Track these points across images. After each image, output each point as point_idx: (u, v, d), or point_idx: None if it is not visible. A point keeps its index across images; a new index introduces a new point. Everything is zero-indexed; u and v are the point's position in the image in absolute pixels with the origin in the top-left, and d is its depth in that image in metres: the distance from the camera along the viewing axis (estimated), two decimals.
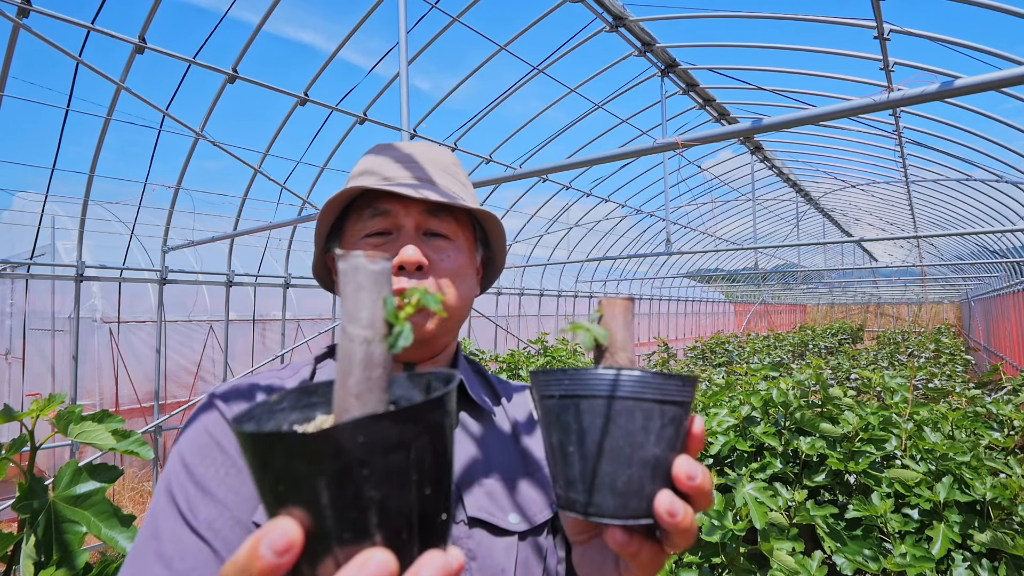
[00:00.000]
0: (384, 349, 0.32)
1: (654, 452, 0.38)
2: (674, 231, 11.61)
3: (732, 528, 1.76)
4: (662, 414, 0.38)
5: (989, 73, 2.12)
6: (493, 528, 0.67)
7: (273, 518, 0.30)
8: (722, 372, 5.75)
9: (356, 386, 0.32)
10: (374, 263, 0.33)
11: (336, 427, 0.29)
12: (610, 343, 0.43)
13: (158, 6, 3.48)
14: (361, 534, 0.29)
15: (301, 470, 0.29)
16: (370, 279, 0.32)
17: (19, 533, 1.09)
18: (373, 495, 0.30)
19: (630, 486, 0.38)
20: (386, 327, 0.33)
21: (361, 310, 0.32)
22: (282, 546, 0.29)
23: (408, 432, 0.30)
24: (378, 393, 0.32)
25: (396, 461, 0.30)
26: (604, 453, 0.38)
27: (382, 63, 4.61)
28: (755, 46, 4.70)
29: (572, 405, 0.39)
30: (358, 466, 0.29)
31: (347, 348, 0.32)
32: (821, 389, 2.44)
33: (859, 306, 33.14)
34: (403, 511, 0.30)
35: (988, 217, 9.38)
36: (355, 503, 0.29)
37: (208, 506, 0.60)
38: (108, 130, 4.34)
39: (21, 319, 6.67)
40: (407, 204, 0.71)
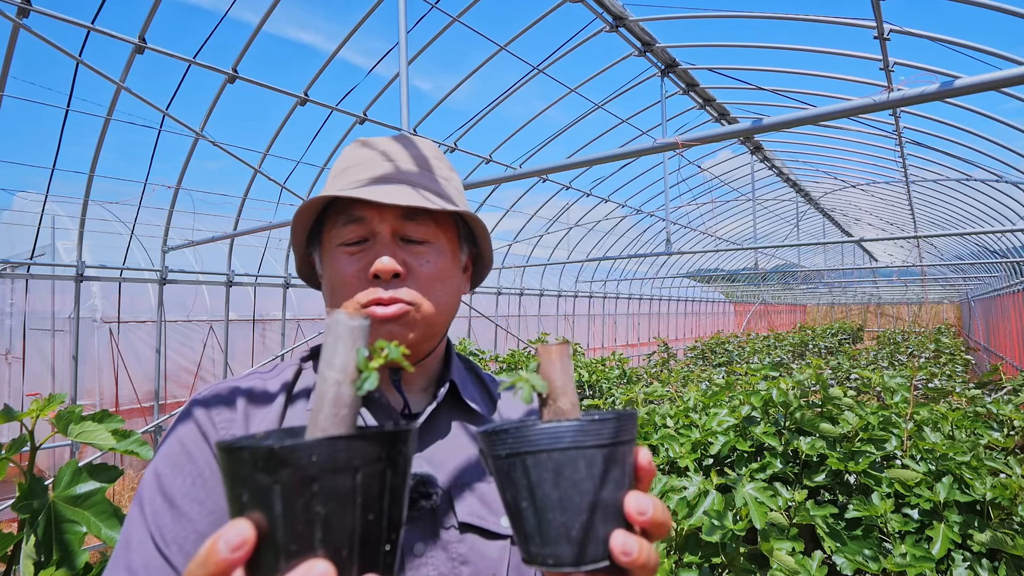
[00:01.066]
0: (352, 391, 0.37)
1: (603, 496, 0.39)
2: (674, 231, 11.61)
3: (732, 528, 1.76)
4: (605, 458, 0.39)
5: (989, 73, 2.12)
6: (485, 532, 0.67)
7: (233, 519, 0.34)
8: (722, 372, 5.75)
9: (324, 421, 0.36)
10: (352, 320, 0.37)
11: (296, 444, 0.33)
12: (550, 391, 0.43)
13: (158, 6, 3.48)
14: (306, 546, 0.33)
15: (261, 481, 0.33)
16: (347, 332, 0.37)
17: (19, 533, 1.09)
18: (319, 511, 0.33)
19: (585, 533, 0.39)
20: (356, 372, 0.37)
21: (336, 357, 0.37)
22: (236, 543, 0.32)
23: (357, 458, 0.34)
24: (343, 429, 0.36)
25: (343, 483, 0.34)
26: (555, 505, 0.39)
27: (382, 63, 4.61)
28: (755, 46, 4.70)
29: (519, 462, 0.40)
30: (309, 482, 0.33)
31: (321, 388, 0.37)
32: (821, 389, 2.44)
33: (859, 306, 33.14)
34: (345, 530, 0.34)
35: (988, 217, 9.38)
36: (304, 516, 0.33)
37: (173, 521, 0.60)
38: (108, 130, 4.34)
39: (21, 319, 6.67)
40: (381, 209, 0.69)
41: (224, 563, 0.32)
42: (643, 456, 0.43)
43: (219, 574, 0.32)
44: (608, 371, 5.79)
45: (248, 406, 0.68)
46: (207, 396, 0.68)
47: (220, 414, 0.66)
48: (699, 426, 2.46)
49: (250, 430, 0.67)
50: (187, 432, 0.65)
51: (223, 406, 0.67)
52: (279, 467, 0.33)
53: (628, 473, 0.41)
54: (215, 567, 0.32)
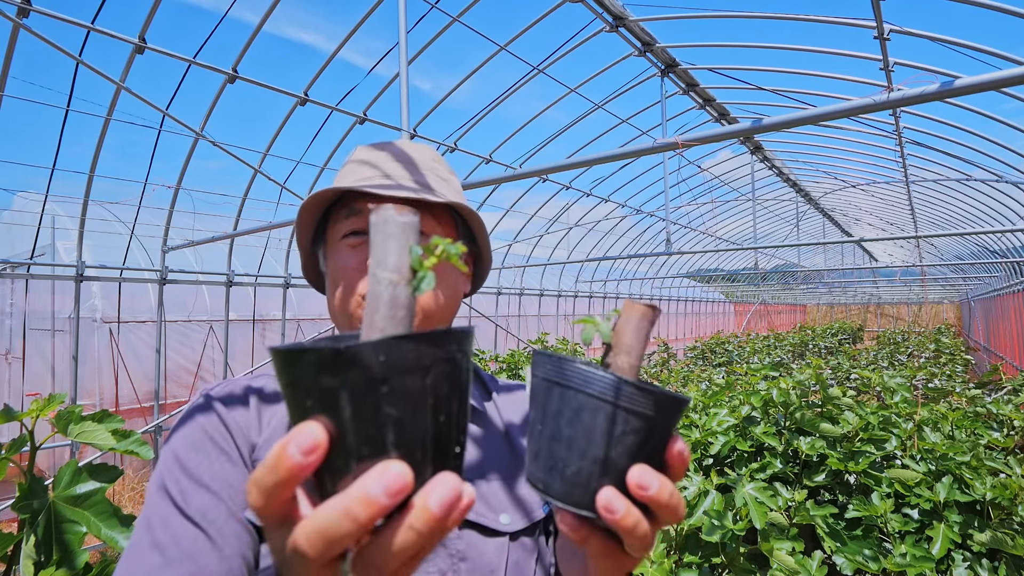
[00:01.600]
0: (408, 292, 0.35)
1: (609, 454, 0.39)
2: (674, 231, 11.61)
3: (732, 528, 1.76)
4: (625, 421, 0.39)
5: (989, 73, 2.12)
6: (483, 529, 0.67)
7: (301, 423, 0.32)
8: (722, 372, 5.75)
9: (381, 322, 0.34)
10: (402, 215, 0.35)
11: (361, 344, 0.31)
12: (614, 343, 0.43)
13: (158, 6, 3.48)
14: (379, 449, 0.32)
15: (327, 384, 0.32)
16: (398, 228, 0.35)
17: (19, 533, 1.09)
18: (391, 413, 0.32)
19: (578, 477, 0.40)
20: (411, 273, 0.35)
21: (389, 256, 0.35)
22: (308, 446, 0.30)
23: (426, 357, 0.33)
24: (402, 330, 0.34)
25: (414, 384, 0.32)
26: (561, 440, 0.40)
27: (382, 63, 4.61)
28: (755, 46, 4.70)
29: (549, 388, 0.42)
30: (379, 383, 0.31)
31: (375, 290, 0.35)
32: (821, 389, 2.44)
33: (859, 306, 33.14)
34: (419, 433, 0.33)
35: (988, 217, 9.37)
36: (374, 419, 0.32)
37: (201, 496, 0.61)
38: (108, 130, 4.34)
39: (21, 319, 6.67)
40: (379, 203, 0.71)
41: (296, 467, 0.30)
42: (677, 445, 0.41)
43: (290, 479, 0.31)
44: None
45: (260, 404, 0.70)
46: (223, 393, 0.70)
47: (236, 410, 0.68)
48: (699, 426, 2.46)
49: (262, 429, 0.68)
50: (207, 421, 0.66)
51: (238, 404, 0.69)
52: (347, 369, 0.31)
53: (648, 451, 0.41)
54: (287, 472, 0.30)
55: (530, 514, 0.71)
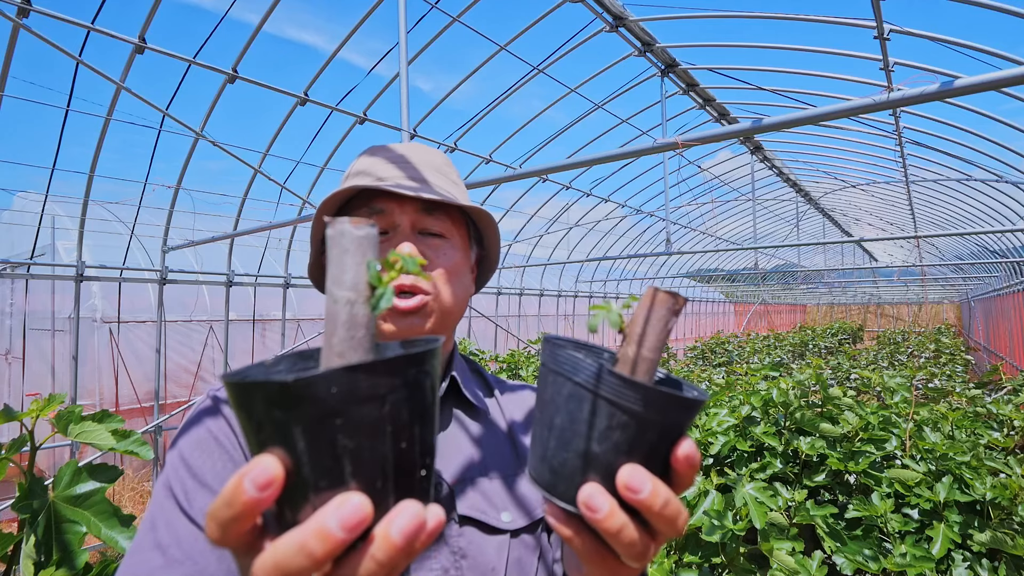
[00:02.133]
0: (367, 310, 0.33)
1: (594, 448, 0.37)
2: (674, 231, 11.61)
3: (732, 528, 1.76)
4: (610, 415, 0.37)
5: (989, 73, 2.12)
6: (484, 526, 0.67)
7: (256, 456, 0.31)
8: (722, 372, 5.75)
9: (339, 345, 0.33)
10: (358, 228, 0.33)
11: (311, 376, 0.30)
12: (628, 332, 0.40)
13: (158, 6, 3.48)
14: (336, 481, 0.31)
15: (280, 417, 0.30)
16: (354, 243, 0.33)
17: (19, 533, 1.09)
18: (347, 444, 0.31)
19: (563, 468, 0.38)
20: (369, 289, 0.33)
21: (345, 273, 0.33)
22: (263, 481, 0.30)
23: (381, 386, 0.31)
24: (361, 352, 0.33)
25: (369, 413, 0.31)
26: (553, 429, 0.39)
27: (382, 63, 4.61)
28: (755, 46, 4.70)
29: (546, 374, 0.41)
30: (332, 416, 0.30)
31: (331, 310, 0.33)
32: (821, 389, 2.44)
33: (859, 306, 33.14)
34: (378, 462, 0.32)
35: (988, 217, 9.37)
36: (330, 451, 0.31)
37: (204, 497, 0.61)
38: (108, 130, 4.34)
39: (21, 319, 6.67)
40: (402, 203, 0.72)
41: (251, 502, 0.30)
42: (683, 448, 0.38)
43: (246, 514, 0.30)
44: None
45: None
46: None
47: None
48: (699, 426, 2.46)
49: None
50: (213, 422, 0.67)
51: None
52: (296, 403, 0.30)
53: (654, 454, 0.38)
54: (242, 507, 0.30)
55: (532, 512, 0.71)
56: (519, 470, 0.74)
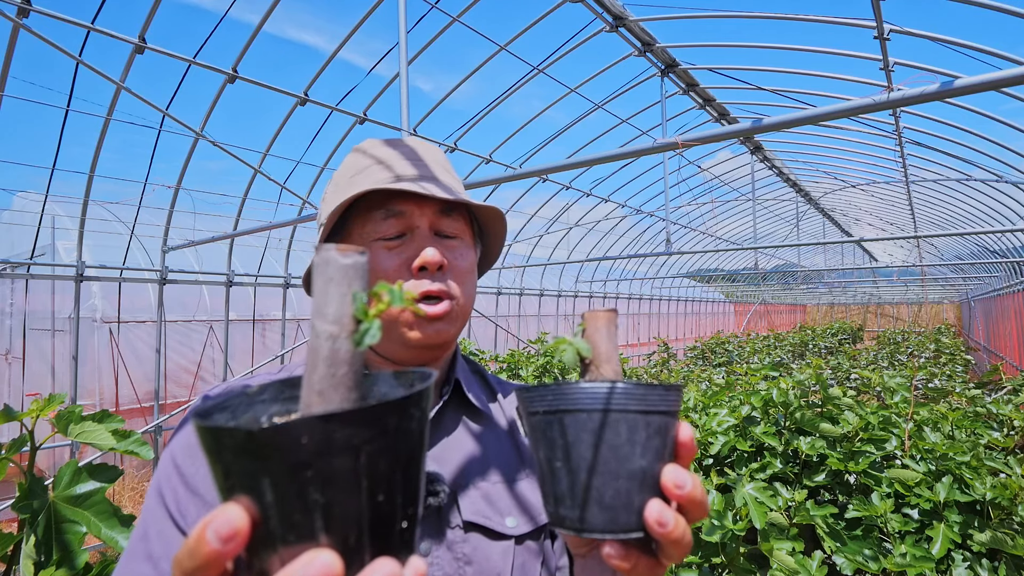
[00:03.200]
0: (350, 346, 0.31)
1: (640, 464, 0.38)
2: (674, 231, 11.61)
3: (732, 528, 1.76)
4: (647, 425, 0.38)
5: (989, 73, 2.12)
6: (489, 532, 0.66)
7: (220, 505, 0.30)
8: (722, 372, 5.75)
9: (319, 383, 0.31)
10: (345, 256, 0.31)
11: (279, 426, 0.28)
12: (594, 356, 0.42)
13: (158, 6, 3.48)
14: (305, 535, 0.29)
15: (247, 466, 0.29)
16: (339, 272, 0.31)
17: (19, 533, 1.09)
18: (317, 498, 0.29)
19: (618, 499, 0.37)
20: (354, 323, 0.31)
21: (329, 305, 0.31)
22: (226, 533, 0.28)
23: (357, 436, 0.29)
24: (343, 391, 0.31)
25: (343, 465, 0.29)
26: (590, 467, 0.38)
27: (382, 63, 4.61)
28: (755, 46, 4.70)
29: (557, 420, 0.39)
30: (302, 468, 0.28)
31: (313, 344, 0.31)
32: (821, 389, 2.44)
33: (859, 306, 33.13)
34: (351, 517, 0.30)
35: (988, 217, 9.37)
36: (300, 504, 0.29)
37: (196, 507, 0.60)
38: (108, 130, 4.34)
39: (21, 319, 6.67)
40: (421, 204, 0.69)
41: (213, 554, 0.28)
42: (684, 431, 0.40)
43: (209, 564, 0.29)
44: None
45: None
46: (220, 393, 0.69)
47: None
48: (699, 426, 2.46)
49: None
50: None
51: None
52: (264, 453, 0.28)
53: (669, 446, 0.39)
54: (204, 559, 0.29)
55: (536, 517, 0.70)
56: (523, 474, 0.73)
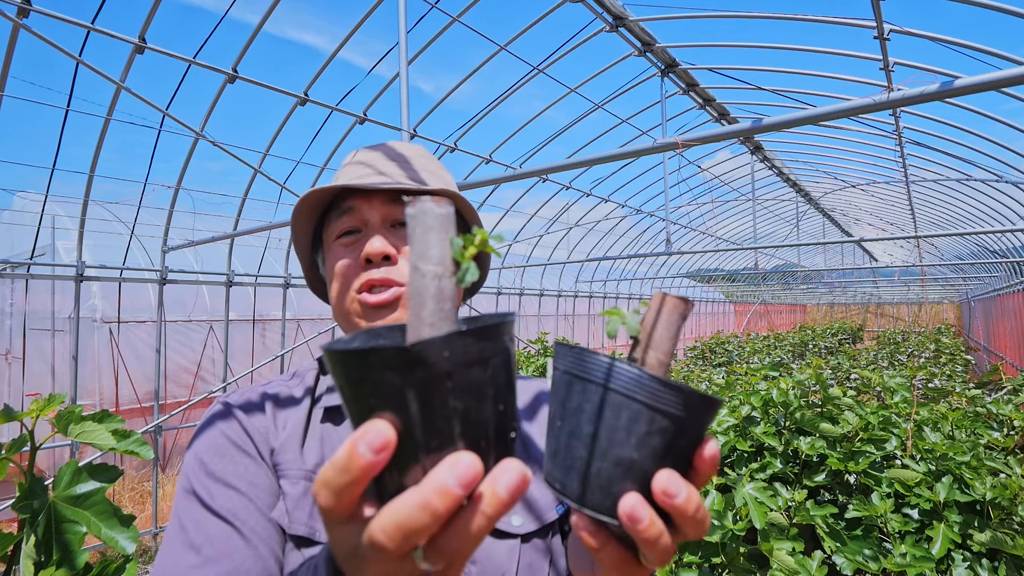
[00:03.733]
0: (453, 284, 0.35)
1: (631, 455, 0.37)
2: (674, 231, 11.61)
3: (732, 528, 1.76)
4: (650, 421, 0.37)
5: (989, 73, 2.12)
6: (495, 531, 0.66)
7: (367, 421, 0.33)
8: (722, 372, 5.75)
9: (430, 316, 0.34)
10: (440, 207, 0.35)
11: (427, 340, 0.32)
12: (641, 338, 0.40)
13: (158, 6, 3.48)
14: (446, 441, 0.33)
15: (393, 381, 0.32)
16: (437, 221, 0.35)
17: (19, 533, 1.09)
18: (457, 406, 0.33)
19: (597, 479, 0.38)
20: (454, 264, 0.35)
21: (431, 248, 0.34)
22: (379, 444, 0.31)
23: (486, 350, 0.33)
24: (450, 323, 0.35)
25: (476, 375, 0.33)
26: (581, 438, 0.38)
27: (382, 63, 4.61)
28: (755, 46, 4.70)
29: (570, 382, 0.40)
30: (444, 378, 0.32)
31: (419, 284, 0.34)
32: (821, 389, 2.44)
33: (859, 306, 33.13)
34: (482, 422, 0.34)
35: (988, 217, 9.37)
36: (441, 412, 0.32)
37: (229, 495, 0.62)
38: (108, 130, 4.34)
39: (21, 319, 6.67)
40: (369, 198, 0.72)
41: (367, 466, 0.31)
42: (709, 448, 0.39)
43: (361, 478, 0.31)
44: None
45: (275, 410, 0.72)
46: (241, 400, 0.72)
47: (255, 416, 0.70)
48: None
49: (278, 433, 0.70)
50: (229, 427, 0.68)
51: (256, 410, 0.71)
52: (413, 366, 0.31)
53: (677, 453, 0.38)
54: (359, 471, 0.31)
55: (542, 516, 0.69)
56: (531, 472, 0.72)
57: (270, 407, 0.72)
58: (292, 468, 0.66)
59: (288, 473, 0.66)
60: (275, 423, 0.70)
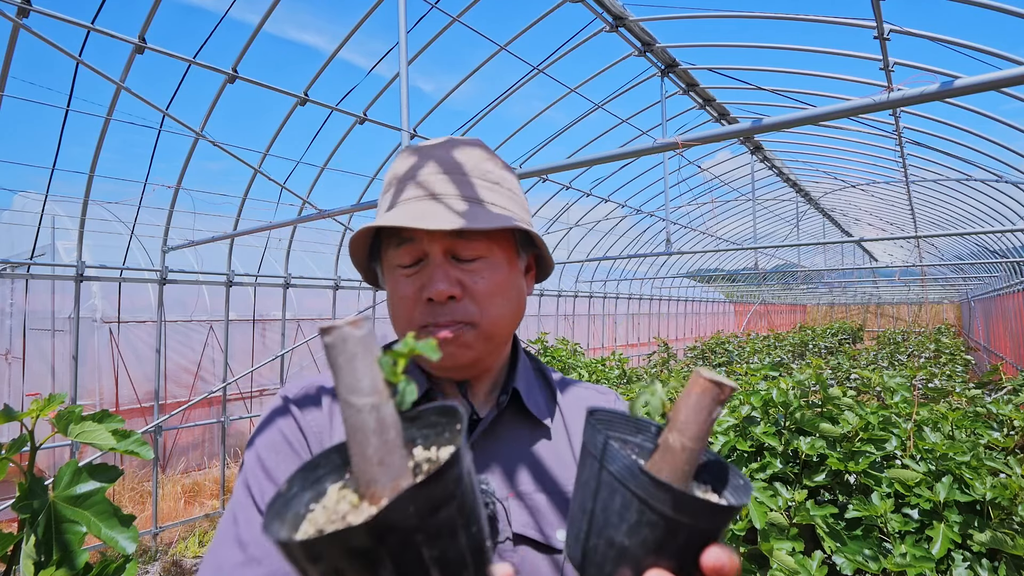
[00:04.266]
0: (393, 409, 0.33)
1: (623, 541, 0.37)
2: (674, 231, 11.61)
3: (732, 528, 1.76)
4: (640, 512, 0.36)
5: (989, 73, 2.12)
6: (538, 545, 0.66)
7: None
8: (722, 372, 5.75)
9: (376, 454, 0.32)
10: (359, 329, 0.32)
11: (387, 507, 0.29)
12: (670, 419, 0.39)
13: (158, 6, 3.48)
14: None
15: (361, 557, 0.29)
16: (360, 346, 0.32)
17: (19, 533, 1.09)
18: (433, 554, 0.30)
19: (594, 554, 0.38)
20: (389, 388, 0.33)
21: (361, 379, 0.32)
22: None
23: (450, 485, 0.31)
24: (399, 453, 0.32)
25: (445, 516, 0.31)
26: (584, 511, 0.39)
27: (382, 63, 4.61)
28: (755, 46, 4.70)
29: (586, 456, 0.40)
30: (413, 533, 0.30)
31: (356, 420, 0.32)
32: (821, 389, 2.44)
33: (859, 306, 33.12)
34: (460, 554, 0.32)
35: (988, 217, 9.37)
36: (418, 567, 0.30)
37: None
38: (108, 130, 4.34)
39: (21, 319, 6.67)
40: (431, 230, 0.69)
41: None
42: (710, 557, 0.36)
43: None
44: (608, 371, 5.79)
45: (332, 404, 0.72)
46: (299, 394, 0.72)
47: (310, 412, 0.70)
48: None
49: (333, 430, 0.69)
50: (285, 423, 0.69)
51: (312, 405, 0.71)
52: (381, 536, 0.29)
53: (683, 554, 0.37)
54: None
55: None
56: None
57: (327, 401, 0.71)
58: None
59: None
60: (331, 419, 0.70)
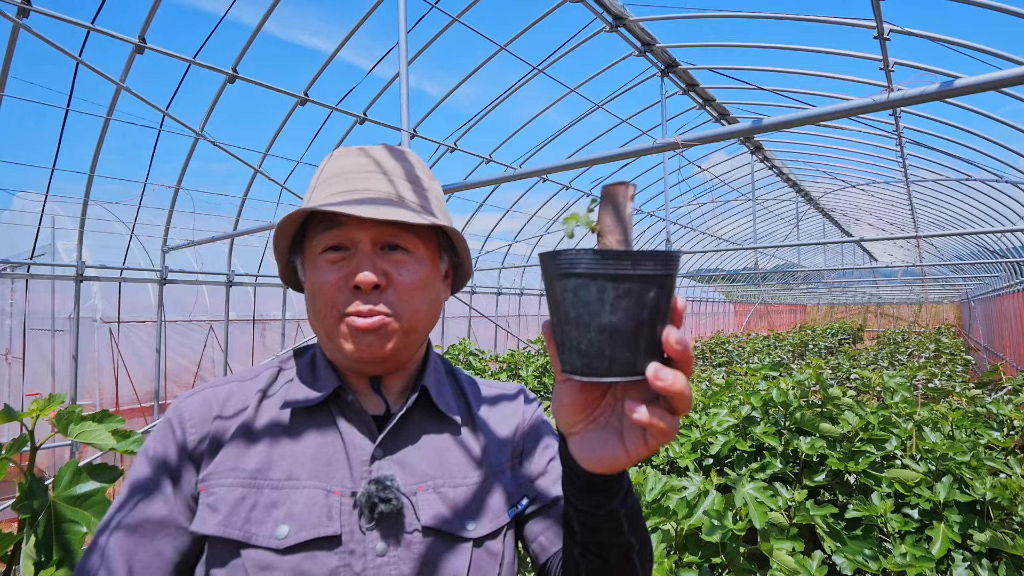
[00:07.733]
0: None
1: (610, 320, 0.43)
2: (674, 231, 11.61)
3: (732, 528, 1.76)
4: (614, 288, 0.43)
5: (989, 73, 2.12)
6: (448, 536, 0.69)
7: None
8: (722, 372, 5.75)
9: None
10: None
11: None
12: (600, 229, 0.47)
13: (158, 6, 3.48)
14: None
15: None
16: None
17: (19, 533, 1.09)
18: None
19: (591, 348, 0.44)
20: None
21: None
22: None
23: None
24: None
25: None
26: (566, 321, 0.44)
27: (382, 63, 4.61)
28: (755, 46, 4.70)
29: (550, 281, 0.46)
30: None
31: None
32: (821, 389, 2.44)
33: (859, 306, 33.12)
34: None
35: (988, 217, 9.37)
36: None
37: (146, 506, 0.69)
38: (108, 130, 4.34)
39: (21, 319, 6.66)
40: (362, 219, 0.70)
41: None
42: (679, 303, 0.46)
43: None
44: None
45: (225, 412, 0.73)
46: (189, 405, 0.74)
47: (197, 423, 0.72)
48: (699, 426, 2.46)
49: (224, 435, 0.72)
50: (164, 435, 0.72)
51: (205, 413, 0.73)
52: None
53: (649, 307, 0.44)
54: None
55: (496, 519, 0.73)
56: (487, 483, 0.75)
57: (219, 408, 0.72)
58: (230, 474, 0.68)
59: (225, 480, 0.67)
60: (225, 426, 0.71)
